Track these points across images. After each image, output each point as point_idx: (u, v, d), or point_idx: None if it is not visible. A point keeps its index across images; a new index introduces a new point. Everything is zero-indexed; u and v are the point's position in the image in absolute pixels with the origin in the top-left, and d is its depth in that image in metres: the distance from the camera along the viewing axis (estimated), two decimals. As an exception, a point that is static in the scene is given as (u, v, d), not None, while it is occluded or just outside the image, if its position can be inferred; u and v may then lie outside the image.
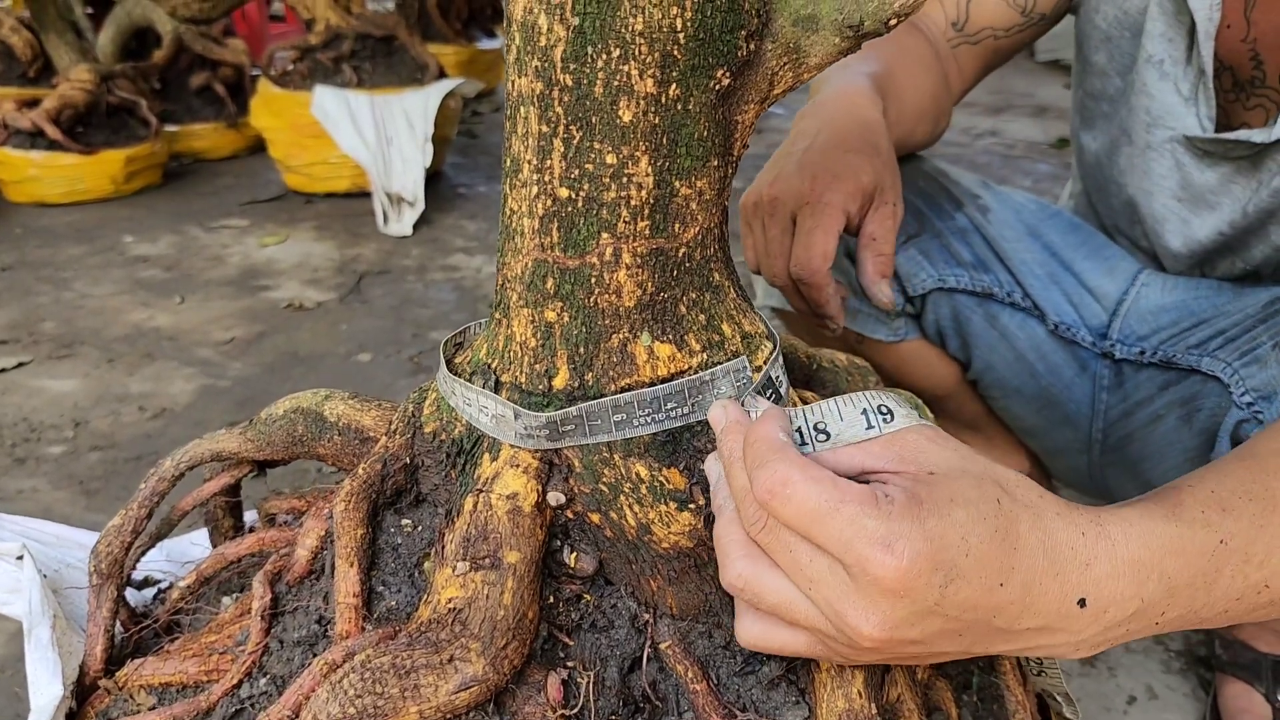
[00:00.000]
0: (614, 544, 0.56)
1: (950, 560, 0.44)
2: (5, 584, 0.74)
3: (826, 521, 0.44)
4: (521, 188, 0.52)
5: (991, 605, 0.46)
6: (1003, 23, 1.09)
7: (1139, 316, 1.06)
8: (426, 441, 0.60)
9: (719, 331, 0.55)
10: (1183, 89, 0.95)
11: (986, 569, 0.45)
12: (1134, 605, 0.49)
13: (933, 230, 1.12)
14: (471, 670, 0.50)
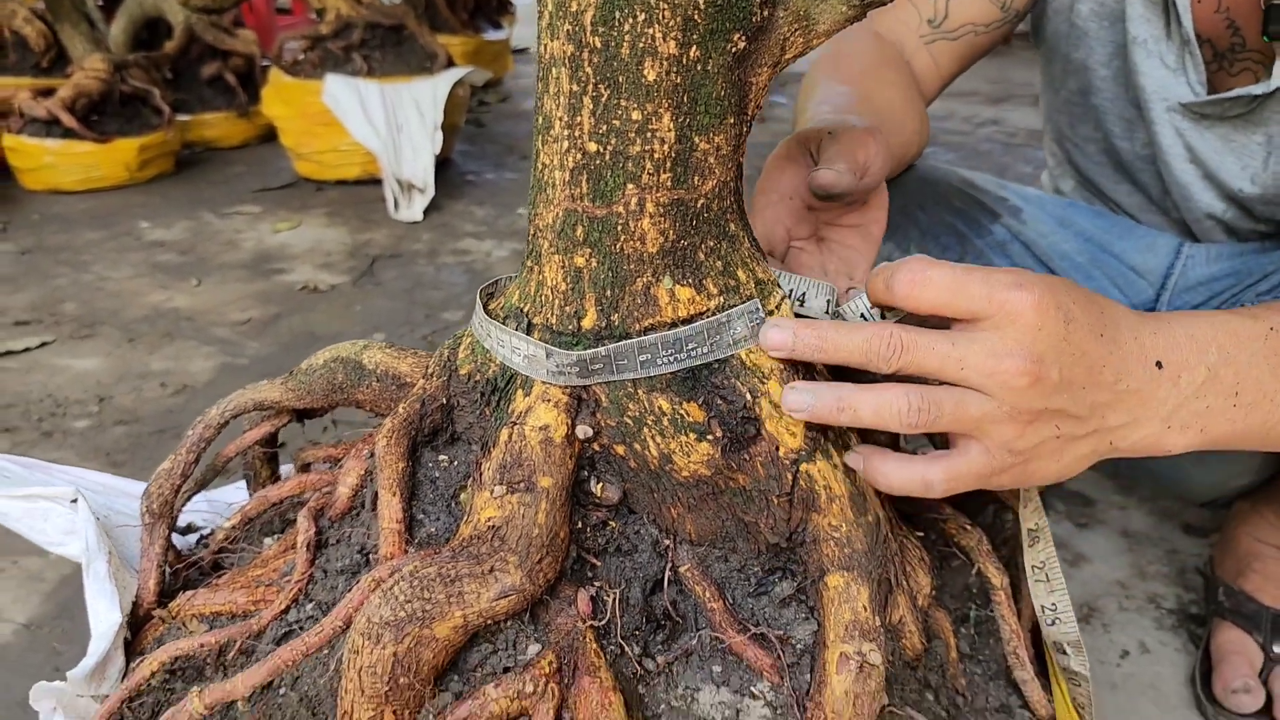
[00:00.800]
0: (637, 474, 0.61)
1: (1066, 304, 0.56)
2: (61, 526, 0.78)
3: (966, 285, 0.55)
4: (553, 143, 0.57)
5: (1100, 354, 0.57)
6: (983, 18, 1.12)
7: (1188, 289, 1.09)
8: (462, 383, 0.65)
9: (734, 277, 0.60)
10: (1168, 61, 1.00)
11: (1089, 318, 0.57)
12: (1202, 373, 0.61)
13: (973, 249, 1.16)
14: (510, 580, 0.54)
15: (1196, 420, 0.62)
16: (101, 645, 0.70)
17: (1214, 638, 1.10)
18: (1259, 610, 1.07)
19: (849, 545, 0.60)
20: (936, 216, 1.15)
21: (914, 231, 1.13)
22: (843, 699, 0.55)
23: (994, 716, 0.72)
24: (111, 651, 0.70)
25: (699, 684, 0.60)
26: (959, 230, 1.15)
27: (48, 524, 0.79)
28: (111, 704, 0.65)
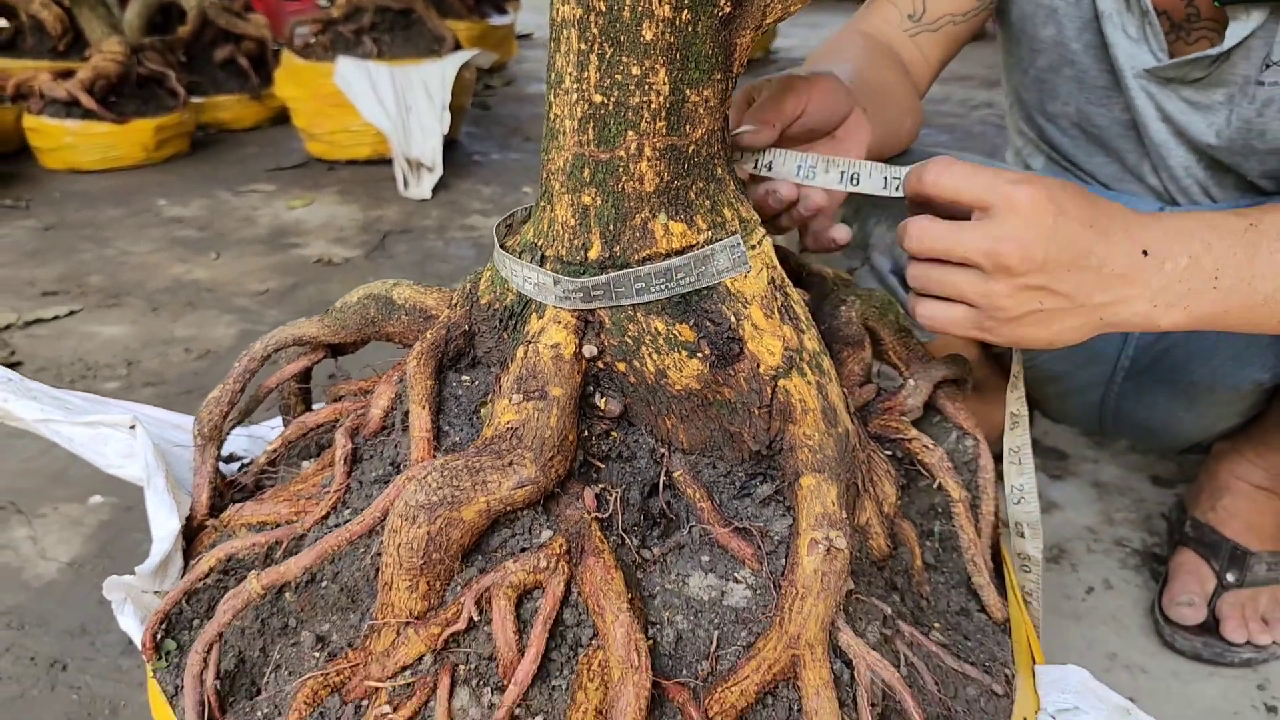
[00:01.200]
0: (636, 389, 0.70)
1: (1058, 200, 0.70)
2: (120, 450, 0.87)
3: (977, 176, 0.71)
4: (563, 95, 0.65)
5: (1086, 242, 0.71)
6: (960, 8, 1.20)
7: None
8: (482, 311, 0.73)
9: (721, 214, 0.68)
10: (1131, 33, 1.08)
11: (1080, 212, 0.71)
12: (1185, 259, 0.73)
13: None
14: (526, 472, 0.63)
15: (1181, 300, 0.75)
16: (163, 547, 0.79)
17: (1172, 560, 1.19)
18: (1220, 541, 1.16)
19: (820, 451, 0.69)
20: None
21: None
22: (812, 576, 0.63)
23: (954, 618, 0.81)
24: (171, 553, 0.79)
25: (690, 571, 0.68)
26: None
27: (107, 448, 0.88)
28: (174, 595, 0.74)
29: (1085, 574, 1.27)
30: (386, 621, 0.63)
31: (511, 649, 0.61)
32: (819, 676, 0.63)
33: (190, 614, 0.77)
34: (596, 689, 0.61)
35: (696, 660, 0.65)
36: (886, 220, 1.20)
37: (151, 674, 0.73)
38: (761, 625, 0.66)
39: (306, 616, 0.71)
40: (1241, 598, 1.12)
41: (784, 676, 0.64)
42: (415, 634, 0.62)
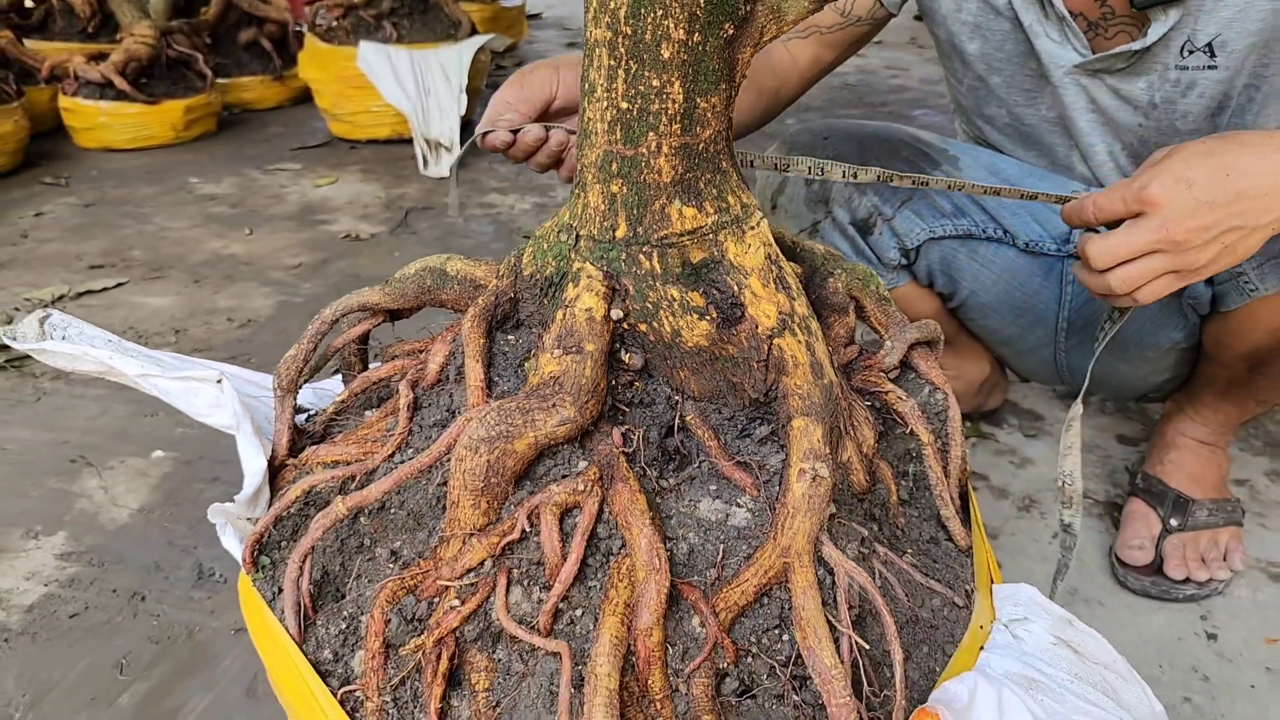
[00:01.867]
0: (655, 346, 0.83)
1: (1184, 174, 0.89)
2: (209, 400, 1.01)
3: (1115, 195, 0.93)
4: (596, 102, 0.79)
5: (1229, 188, 0.89)
6: (824, 22, 1.34)
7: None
8: (525, 281, 0.87)
9: (725, 201, 0.82)
10: (1053, 36, 1.21)
11: (1208, 173, 0.89)
12: None
13: (920, 192, 1.38)
14: (566, 412, 0.77)
15: None
16: (254, 481, 0.93)
17: (1125, 509, 1.33)
18: (1165, 490, 1.30)
19: (809, 399, 0.83)
20: (887, 164, 1.37)
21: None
22: (800, 499, 0.77)
23: (924, 545, 0.95)
24: (261, 486, 0.94)
25: (700, 497, 0.82)
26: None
27: (198, 399, 1.01)
28: (267, 519, 0.88)
29: (1052, 521, 1.41)
30: (454, 534, 0.77)
31: (556, 555, 0.75)
32: (806, 580, 0.77)
33: (277, 536, 0.92)
34: (625, 588, 0.75)
35: (706, 568, 0.79)
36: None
37: (250, 583, 0.88)
38: (759, 540, 0.80)
39: (379, 536, 0.86)
40: (1183, 539, 1.26)
41: (777, 580, 0.78)
42: (478, 543, 0.76)
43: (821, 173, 1.01)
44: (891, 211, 1.37)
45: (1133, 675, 0.91)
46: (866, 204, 1.38)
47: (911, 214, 1.37)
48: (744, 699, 0.75)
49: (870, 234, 1.37)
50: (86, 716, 1.10)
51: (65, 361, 0.99)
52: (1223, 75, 1.15)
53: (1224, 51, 1.14)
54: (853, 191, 1.36)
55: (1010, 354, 1.51)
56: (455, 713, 0.75)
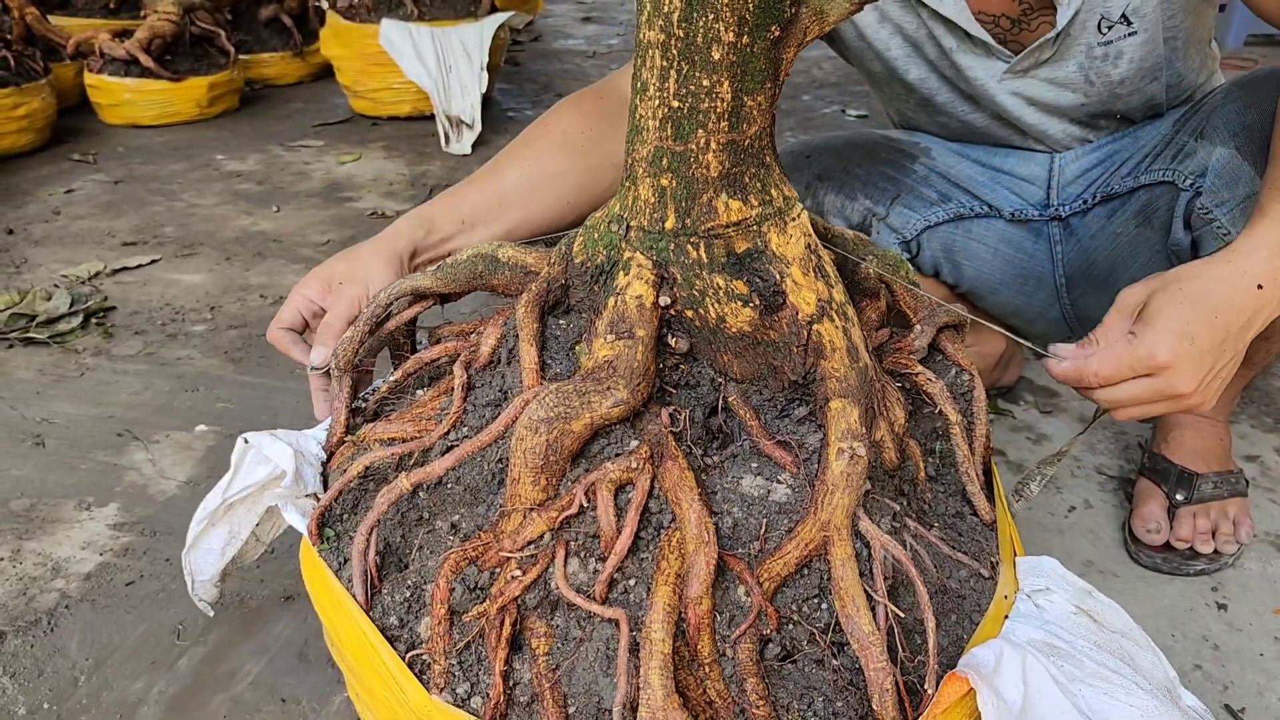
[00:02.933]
0: (700, 331, 0.88)
1: (1187, 331, 0.92)
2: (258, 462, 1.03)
3: (1122, 361, 0.94)
4: (648, 101, 0.83)
5: (1223, 327, 0.93)
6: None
7: (1069, 182, 1.39)
8: (576, 269, 0.92)
9: (769, 194, 0.86)
10: (977, 52, 1.27)
11: (1202, 320, 0.92)
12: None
13: (906, 187, 1.44)
14: (620, 395, 0.82)
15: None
16: (289, 466, 0.98)
17: (1135, 489, 1.38)
18: (1169, 467, 1.35)
19: (846, 381, 0.87)
20: (870, 168, 1.44)
21: (856, 183, 1.43)
22: (839, 476, 0.82)
23: (951, 519, 0.99)
24: (299, 469, 0.98)
25: (742, 474, 0.87)
26: (890, 175, 1.44)
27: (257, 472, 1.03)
28: (331, 494, 0.93)
29: (1068, 495, 1.46)
30: (515, 508, 0.82)
31: (611, 529, 0.80)
32: (844, 552, 0.82)
33: (339, 510, 0.97)
34: (676, 559, 0.80)
35: (750, 541, 0.84)
36: (835, 189, 1.41)
37: (315, 554, 0.93)
38: (799, 515, 0.84)
39: (438, 510, 0.91)
40: (1191, 512, 1.31)
41: (817, 553, 0.83)
42: (537, 517, 0.81)
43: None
44: (884, 210, 1.43)
45: (1148, 643, 0.96)
46: (859, 209, 1.44)
47: (903, 208, 1.43)
48: (786, 663, 0.80)
49: (869, 236, 1.43)
50: (147, 679, 1.15)
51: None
52: (1144, 38, 1.22)
53: (1138, 17, 1.21)
54: (843, 200, 1.43)
55: (1022, 324, 1.56)
56: (517, 675, 0.80)
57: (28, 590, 1.28)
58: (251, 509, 1.03)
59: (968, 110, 1.38)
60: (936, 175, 1.44)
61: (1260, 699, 1.11)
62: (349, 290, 1.09)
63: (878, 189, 1.43)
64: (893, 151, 1.47)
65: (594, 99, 1.27)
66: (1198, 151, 1.23)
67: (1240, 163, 1.18)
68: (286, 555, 1.35)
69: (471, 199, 1.20)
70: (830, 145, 1.49)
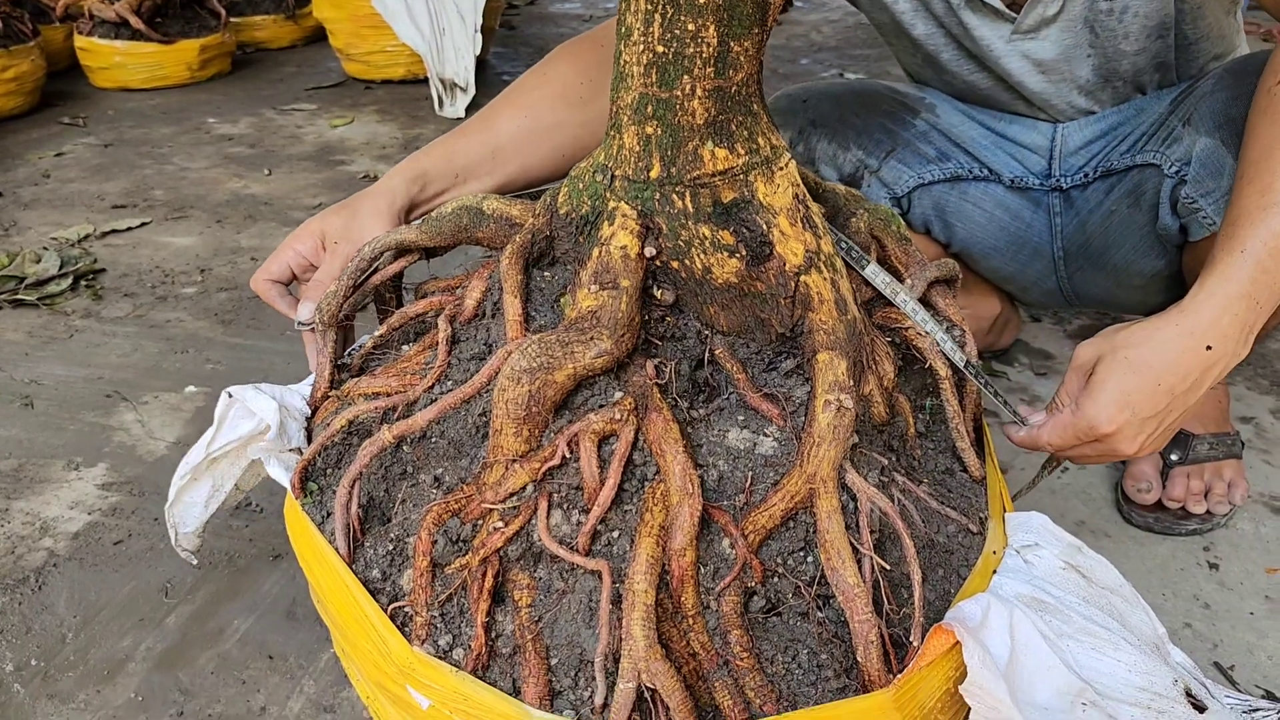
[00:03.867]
0: (686, 282, 0.87)
1: (1129, 401, 0.95)
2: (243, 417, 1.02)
3: (1067, 432, 0.99)
4: (632, 46, 0.81)
5: (1166, 393, 0.95)
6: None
7: (1071, 153, 1.37)
8: (561, 220, 0.90)
9: (755, 143, 0.85)
10: (984, 11, 1.25)
11: (1144, 389, 0.94)
12: (1234, 327, 0.94)
13: (903, 142, 1.42)
14: (603, 345, 0.81)
15: (1248, 337, 0.96)
16: (274, 420, 0.97)
17: None
18: None
19: (834, 333, 0.86)
20: (868, 118, 1.41)
21: (851, 133, 1.40)
22: (825, 428, 0.81)
23: (940, 475, 0.99)
24: (283, 423, 0.97)
25: (729, 427, 0.86)
26: (888, 127, 1.42)
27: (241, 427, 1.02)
28: (314, 448, 0.92)
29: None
30: (497, 460, 0.81)
31: (594, 480, 0.79)
32: (830, 504, 0.81)
33: (322, 464, 0.96)
34: (660, 511, 0.79)
35: (735, 494, 0.83)
36: (828, 136, 1.40)
37: (299, 508, 0.92)
38: (785, 468, 0.84)
39: (422, 463, 0.90)
40: (1186, 472, 1.30)
41: (803, 505, 0.82)
42: (520, 468, 0.80)
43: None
44: (877, 163, 1.41)
45: (1137, 599, 0.95)
46: (851, 159, 1.42)
47: (898, 163, 1.41)
48: (770, 616, 0.79)
49: (859, 188, 1.41)
50: (135, 636, 1.15)
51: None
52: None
53: None
54: (835, 149, 1.40)
55: (1016, 290, 1.55)
56: (499, 627, 0.80)
57: (16, 549, 1.28)
58: (235, 462, 1.02)
59: (972, 70, 1.36)
60: (938, 133, 1.42)
61: (1250, 656, 1.11)
62: (343, 249, 1.08)
63: (873, 140, 1.41)
64: (895, 104, 1.44)
65: (592, 47, 1.24)
66: (1184, 138, 1.21)
67: (1224, 154, 1.15)
68: (275, 515, 1.34)
69: (465, 151, 1.18)
70: (830, 92, 1.46)
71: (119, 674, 1.10)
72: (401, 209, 1.13)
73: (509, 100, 1.22)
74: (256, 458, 0.98)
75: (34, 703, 1.06)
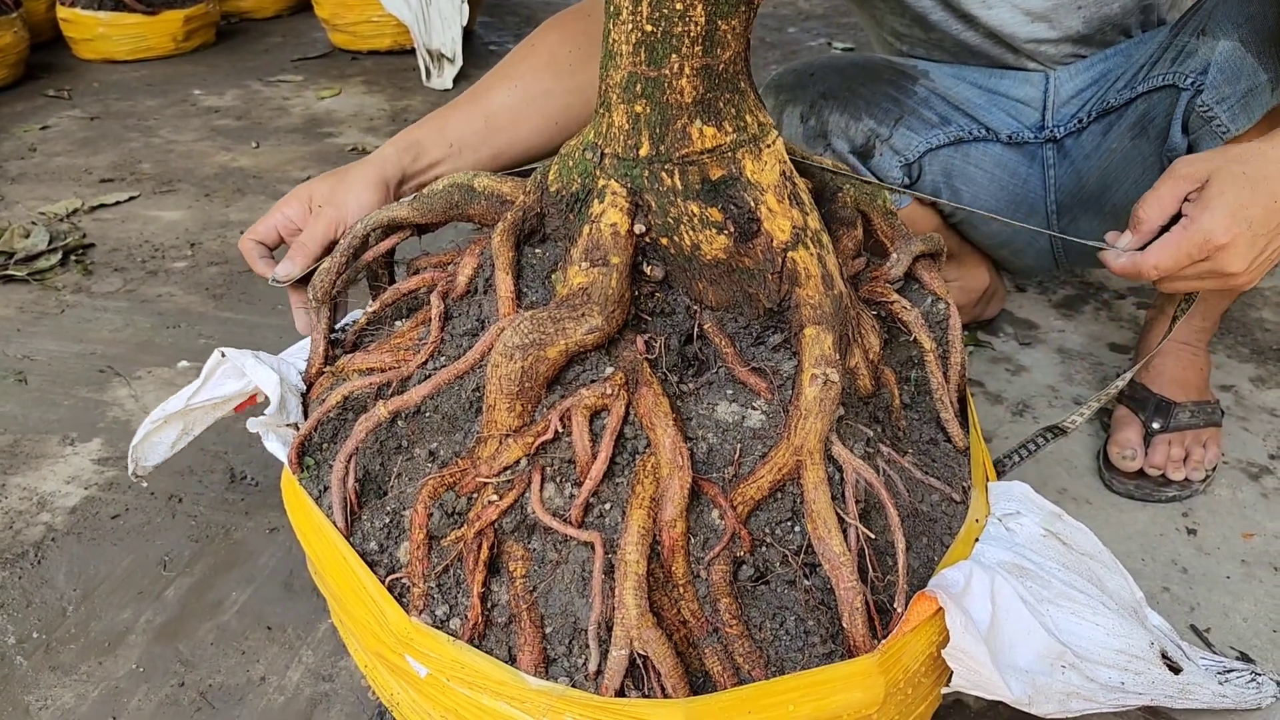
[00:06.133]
0: (675, 259, 0.88)
1: (1242, 215, 0.94)
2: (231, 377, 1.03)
3: (1181, 248, 0.96)
4: (621, 25, 0.82)
5: (1276, 219, 0.94)
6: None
7: (1063, 102, 1.40)
8: (551, 197, 0.92)
9: (743, 120, 0.86)
10: None
11: (1261, 203, 0.94)
12: None
13: (908, 109, 1.43)
14: (594, 321, 0.82)
15: None
16: (275, 394, 0.98)
17: (1113, 416, 1.40)
18: (1148, 396, 1.37)
19: (820, 308, 0.88)
20: (874, 89, 1.43)
21: (860, 103, 1.42)
22: (812, 401, 0.83)
23: (924, 445, 1.01)
24: (283, 397, 0.99)
25: (718, 401, 0.88)
26: (893, 95, 1.44)
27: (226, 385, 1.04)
28: (310, 423, 0.94)
29: (1045, 421, 1.47)
30: (491, 435, 0.83)
31: (587, 454, 0.81)
32: (817, 476, 0.83)
33: (318, 439, 0.98)
34: (650, 483, 0.81)
35: (724, 466, 0.85)
36: (839, 108, 1.41)
37: (295, 482, 0.94)
38: (773, 440, 0.85)
39: (417, 438, 0.92)
40: (1167, 439, 1.33)
41: (790, 477, 0.84)
42: (513, 443, 0.82)
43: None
44: (888, 131, 1.42)
45: (1116, 565, 0.98)
46: (863, 129, 1.43)
47: (906, 130, 1.42)
48: (759, 584, 0.82)
49: (871, 158, 1.42)
50: (134, 609, 1.17)
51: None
52: None
53: None
54: (848, 120, 1.42)
55: (1010, 254, 1.57)
56: (495, 597, 0.82)
57: (14, 524, 1.29)
58: (209, 414, 1.04)
59: (961, 29, 1.38)
60: (937, 97, 1.44)
61: (1226, 619, 1.14)
62: (328, 213, 1.09)
63: (881, 109, 1.43)
64: (894, 73, 1.46)
65: (579, 18, 1.25)
66: (1199, 49, 1.22)
67: (1244, 55, 1.17)
68: (271, 489, 1.36)
69: (458, 122, 1.19)
70: (835, 65, 1.48)
71: (120, 646, 1.12)
72: (393, 179, 1.14)
73: (498, 74, 1.24)
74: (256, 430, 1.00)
75: (37, 675, 1.08)
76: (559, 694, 0.74)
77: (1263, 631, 1.12)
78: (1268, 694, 1.01)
